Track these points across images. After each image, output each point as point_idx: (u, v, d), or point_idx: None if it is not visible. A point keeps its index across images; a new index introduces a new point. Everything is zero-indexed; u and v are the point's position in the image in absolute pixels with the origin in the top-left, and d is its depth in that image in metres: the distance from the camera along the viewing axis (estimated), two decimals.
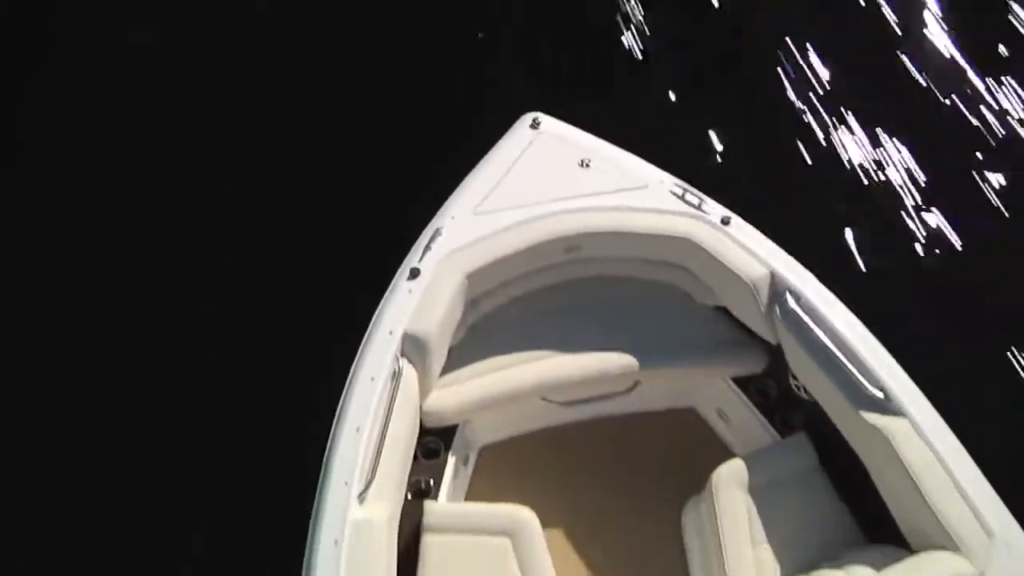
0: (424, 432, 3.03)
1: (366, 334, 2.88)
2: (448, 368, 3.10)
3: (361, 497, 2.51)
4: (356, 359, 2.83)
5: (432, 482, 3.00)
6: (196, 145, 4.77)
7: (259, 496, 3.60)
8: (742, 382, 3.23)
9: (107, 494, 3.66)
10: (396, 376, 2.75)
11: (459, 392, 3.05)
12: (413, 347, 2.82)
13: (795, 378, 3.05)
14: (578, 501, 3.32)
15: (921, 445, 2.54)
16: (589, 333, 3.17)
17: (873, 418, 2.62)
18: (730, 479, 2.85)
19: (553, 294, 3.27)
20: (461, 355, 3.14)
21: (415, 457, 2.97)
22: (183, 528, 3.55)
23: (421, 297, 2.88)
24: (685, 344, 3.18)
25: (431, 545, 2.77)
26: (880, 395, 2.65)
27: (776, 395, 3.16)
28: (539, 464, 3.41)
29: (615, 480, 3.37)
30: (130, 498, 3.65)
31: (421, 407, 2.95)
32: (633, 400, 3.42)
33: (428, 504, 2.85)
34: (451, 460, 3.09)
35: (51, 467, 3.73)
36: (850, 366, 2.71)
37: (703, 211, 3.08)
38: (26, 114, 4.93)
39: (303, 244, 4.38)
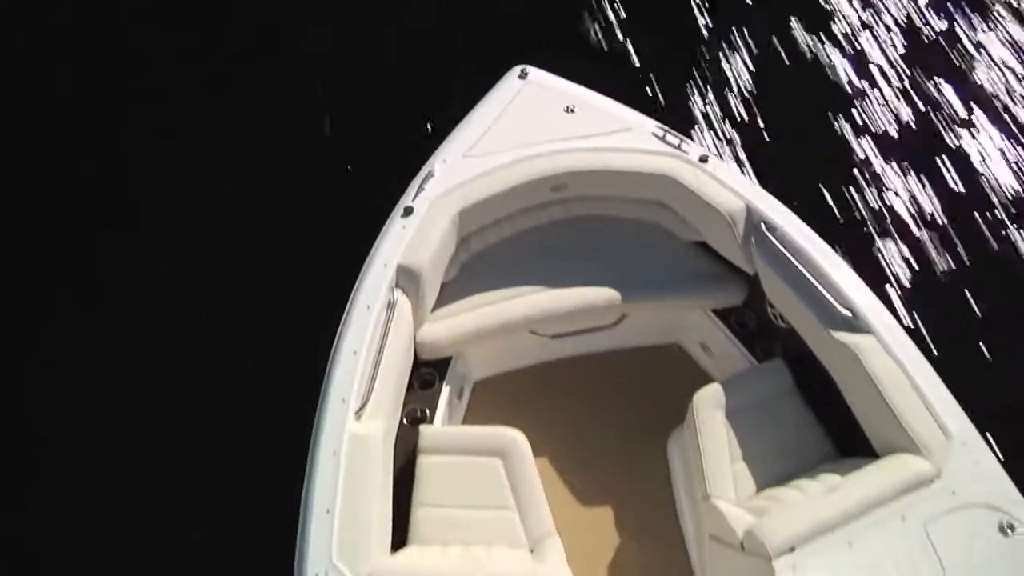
0: (420, 364, 3.18)
1: (363, 268, 3.04)
2: (441, 303, 3.25)
3: (358, 414, 2.67)
4: (353, 292, 2.99)
5: (428, 411, 3.15)
6: (202, 113, 4.92)
7: (258, 481, 3.57)
8: (723, 315, 3.38)
9: (106, 487, 3.66)
10: (391, 305, 2.91)
11: (452, 324, 3.20)
12: (407, 278, 2.97)
13: (772, 306, 3.19)
14: (568, 431, 3.47)
15: (886, 358, 2.70)
16: (576, 270, 3.32)
17: (843, 336, 2.78)
18: (709, 401, 3.00)
19: (541, 234, 3.41)
20: (453, 291, 3.29)
21: (411, 387, 3.13)
22: (183, 527, 3.54)
23: (414, 232, 3.04)
24: (667, 278, 3.32)
25: (425, 466, 2.92)
26: (849, 315, 2.80)
27: (755, 325, 3.30)
28: (531, 397, 3.56)
29: (604, 412, 3.52)
30: (130, 491, 3.64)
31: (415, 338, 3.10)
32: (620, 336, 3.57)
33: (423, 428, 3.00)
34: (446, 391, 3.24)
35: (50, 464, 3.76)
36: (821, 289, 2.87)
37: (682, 151, 3.23)
38: (26, 114, 5.00)
39: (304, 193, 4.52)
